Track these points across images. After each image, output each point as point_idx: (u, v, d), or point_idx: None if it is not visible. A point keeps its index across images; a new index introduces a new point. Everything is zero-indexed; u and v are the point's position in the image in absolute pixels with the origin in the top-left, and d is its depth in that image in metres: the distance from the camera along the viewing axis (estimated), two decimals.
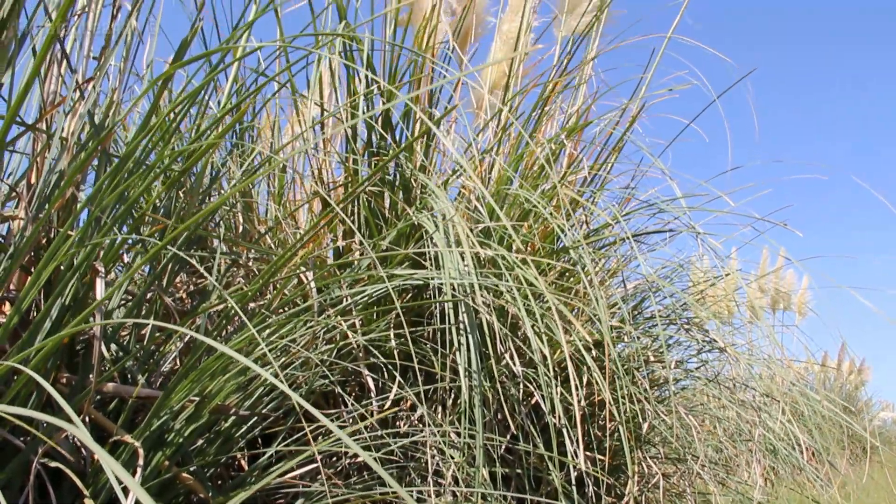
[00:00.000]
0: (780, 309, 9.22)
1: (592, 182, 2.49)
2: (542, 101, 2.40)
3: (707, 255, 2.96)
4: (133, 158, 1.35)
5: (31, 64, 1.89)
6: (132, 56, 1.94)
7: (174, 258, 1.85)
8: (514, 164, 2.28)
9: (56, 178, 1.67)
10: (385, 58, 2.18)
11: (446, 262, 1.63)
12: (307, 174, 2.36)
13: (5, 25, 1.40)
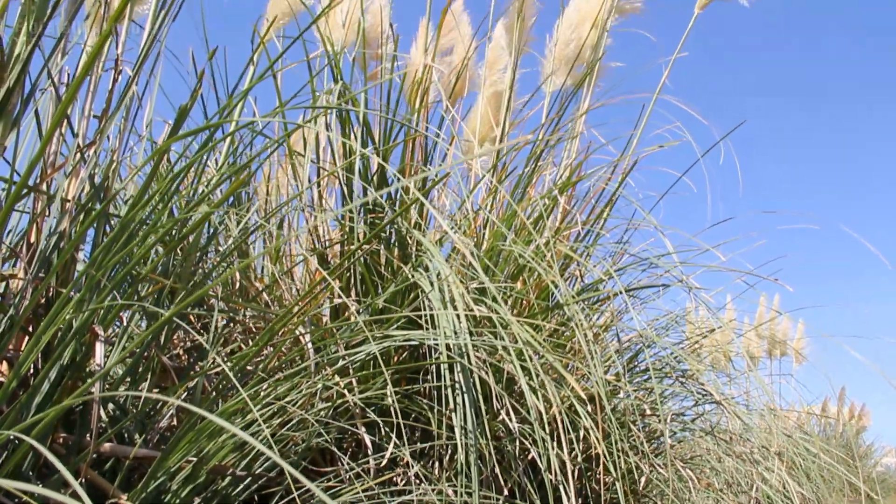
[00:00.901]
0: (778, 356, 9.20)
1: (586, 237, 2.52)
2: (533, 157, 2.44)
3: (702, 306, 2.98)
4: (133, 225, 1.37)
5: (32, 122, 1.93)
6: (132, 116, 1.98)
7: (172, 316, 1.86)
8: (508, 221, 2.31)
9: (56, 239, 1.69)
10: (380, 119, 2.22)
11: (442, 322, 1.64)
12: (303, 229, 2.39)
13: (11, 94, 1.43)
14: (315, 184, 2.23)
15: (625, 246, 2.48)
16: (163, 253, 1.62)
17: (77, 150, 1.67)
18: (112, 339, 1.78)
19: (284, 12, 2.22)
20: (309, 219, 2.27)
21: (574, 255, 2.28)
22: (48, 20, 1.48)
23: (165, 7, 1.93)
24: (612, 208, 2.49)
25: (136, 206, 1.33)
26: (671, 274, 2.34)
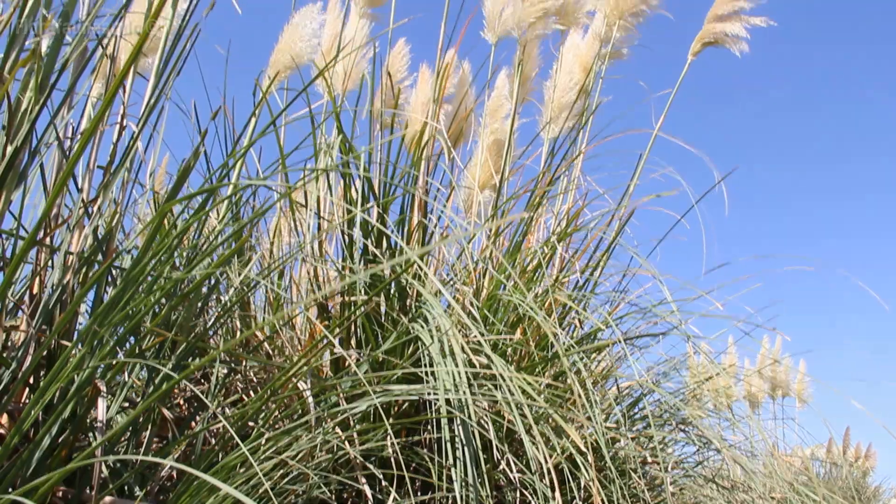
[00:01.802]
0: (780, 396, 9.16)
1: (585, 285, 2.54)
2: (532, 207, 2.46)
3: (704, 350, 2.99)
4: (135, 285, 1.39)
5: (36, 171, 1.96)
6: (135, 169, 2.00)
7: (173, 368, 1.87)
8: (506, 273, 2.32)
9: (59, 293, 1.71)
10: (380, 170, 2.25)
11: (441, 375, 1.66)
12: (303, 280, 2.41)
13: (19, 152, 1.46)
14: (316, 239, 2.25)
15: (623, 294, 2.50)
16: (164, 310, 1.63)
17: (81, 205, 1.69)
18: (113, 388, 1.79)
19: (286, 66, 2.26)
20: (310, 269, 2.29)
21: (572, 303, 2.30)
22: (56, 81, 1.51)
23: (170, 64, 1.97)
24: (609, 256, 2.51)
25: (139, 264, 1.35)
26: (669, 320, 2.35)
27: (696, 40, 3.25)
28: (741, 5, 3.14)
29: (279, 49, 2.27)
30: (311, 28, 2.24)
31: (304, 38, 2.22)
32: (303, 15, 2.28)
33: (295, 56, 2.23)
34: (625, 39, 3.37)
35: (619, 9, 3.26)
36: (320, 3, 2.31)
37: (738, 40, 3.15)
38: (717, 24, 3.19)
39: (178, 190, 1.50)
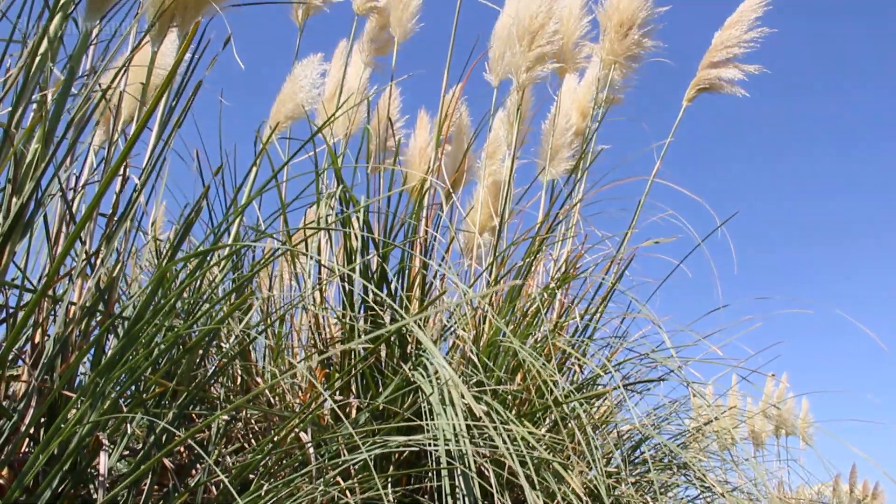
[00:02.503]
0: (784, 435, 9.10)
1: (584, 330, 2.55)
2: (531, 253, 2.48)
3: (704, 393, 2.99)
4: (138, 338, 1.41)
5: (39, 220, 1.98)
6: (138, 218, 2.03)
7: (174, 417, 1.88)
8: (506, 319, 2.34)
9: (61, 344, 1.72)
10: (380, 219, 2.28)
11: (442, 425, 1.66)
12: (304, 326, 2.42)
13: (25, 208, 1.48)
14: (317, 289, 2.27)
15: (622, 340, 2.51)
16: (166, 364, 1.65)
17: (84, 258, 1.71)
18: (114, 436, 1.79)
19: (287, 116, 2.29)
20: (310, 317, 2.31)
21: (571, 350, 2.31)
22: (63, 136, 1.54)
23: (174, 115, 2.00)
24: (608, 301, 2.53)
25: (140, 320, 1.37)
26: (668, 365, 2.36)
27: (691, 87, 3.30)
28: (735, 52, 3.19)
29: (280, 99, 2.31)
30: (311, 78, 2.27)
31: (305, 89, 2.26)
32: (304, 66, 2.31)
33: (296, 107, 2.26)
34: (622, 82, 3.41)
35: (614, 52, 3.30)
36: (321, 53, 2.34)
37: (732, 85, 3.19)
38: (711, 71, 3.23)
39: (178, 248, 1.52)
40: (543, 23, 2.96)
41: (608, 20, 3.30)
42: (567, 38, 3.25)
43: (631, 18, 3.25)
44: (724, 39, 3.27)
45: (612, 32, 3.29)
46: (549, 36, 2.91)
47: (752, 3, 3.28)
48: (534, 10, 2.95)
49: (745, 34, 3.22)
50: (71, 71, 1.79)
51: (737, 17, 3.28)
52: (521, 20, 2.94)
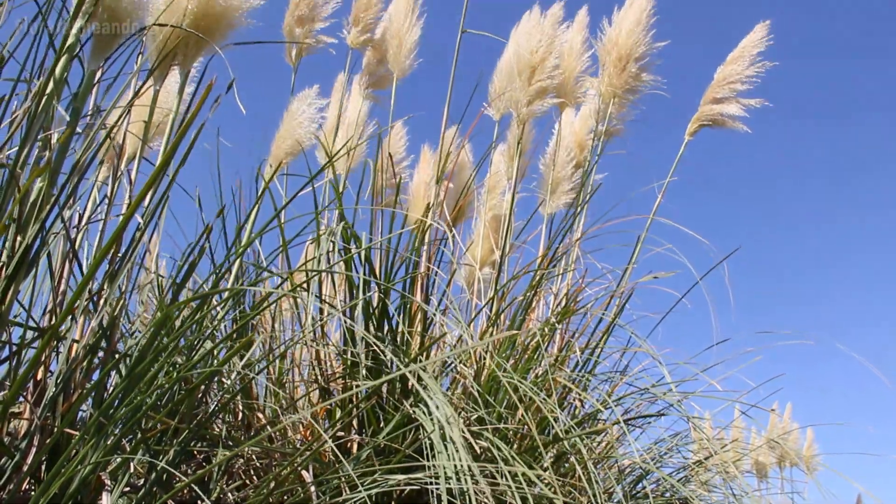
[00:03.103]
0: (788, 466, 9.05)
1: (585, 365, 2.56)
2: (532, 288, 2.49)
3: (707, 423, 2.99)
4: (140, 379, 1.42)
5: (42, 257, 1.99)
6: (141, 255, 2.04)
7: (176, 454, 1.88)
8: (507, 354, 2.35)
9: (63, 382, 1.73)
10: (381, 254, 2.30)
11: (443, 462, 1.67)
12: (305, 362, 2.43)
13: (29, 249, 1.50)
14: (319, 325, 2.28)
15: (622, 375, 2.52)
16: (169, 406, 1.65)
17: (88, 296, 1.72)
18: (116, 473, 1.80)
19: (288, 152, 2.31)
20: (312, 353, 2.32)
21: (572, 385, 2.31)
22: (66, 181, 1.56)
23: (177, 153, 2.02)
24: (609, 336, 2.54)
25: (142, 361, 1.38)
26: (668, 399, 2.36)
27: (693, 121, 3.32)
28: (737, 87, 3.22)
29: (280, 136, 2.33)
30: (309, 114, 2.29)
31: (304, 125, 2.28)
32: (301, 101, 2.34)
33: (295, 143, 2.28)
34: (621, 115, 3.44)
35: (613, 85, 3.33)
36: (317, 86, 2.37)
37: (734, 121, 3.22)
38: (713, 106, 3.26)
39: (181, 288, 1.54)
40: (544, 57, 2.99)
41: (607, 54, 3.33)
42: (568, 72, 3.28)
43: (629, 53, 3.28)
44: (725, 75, 3.30)
45: (611, 66, 3.32)
46: (549, 70, 2.95)
47: (754, 38, 3.32)
48: (534, 44, 2.98)
49: (747, 69, 3.25)
50: (75, 111, 1.82)
51: (738, 53, 3.31)
52: (521, 55, 2.97)
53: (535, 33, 2.96)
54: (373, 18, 3.30)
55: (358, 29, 3.32)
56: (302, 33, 3.14)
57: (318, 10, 3.14)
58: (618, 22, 3.31)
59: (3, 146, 1.74)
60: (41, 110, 1.72)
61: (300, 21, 3.14)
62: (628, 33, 3.27)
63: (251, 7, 2.09)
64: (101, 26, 1.88)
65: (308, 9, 3.13)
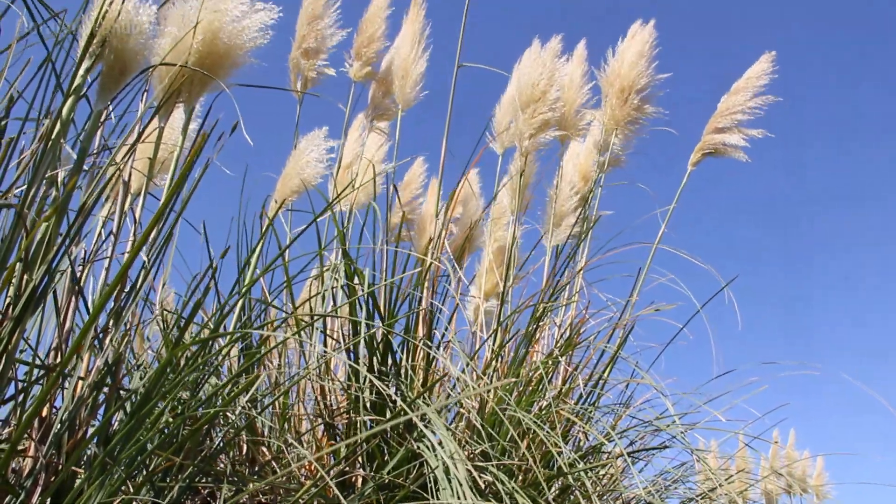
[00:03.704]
0: (798, 493, 8.97)
1: (589, 397, 2.56)
2: (535, 320, 2.50)
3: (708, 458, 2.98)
4: (145, 420, 1.43)
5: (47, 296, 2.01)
6: (146, 291, 2.06)
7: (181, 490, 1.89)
8: (510, 386, 2.35)
9: (69, 420, 1.74)
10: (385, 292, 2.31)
11: (447, 498, 1.67)
12: (309, 396, 2.43)
13: (36, 291, 1.52)
14: (323, 361, 2.29)
15: (627, 404, 2.52)
16: (174, 446, 1.66)
17: (94, 336, 1.73)
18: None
19: (293, 191, 2.33)
20: (316, 388, 2.33)
21: (575, 418, 2.32)
22: (73, 223, 1.58)
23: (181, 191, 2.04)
24: (612, 368, 2.54)
25: (148, 402, 1.39)
26: (671, 430, 2.36)
27: (696, 150, 3.35)
28: (739, 118, 3.24)
29: (286, 174, 2.35)
30: (316, 154, 2.31)
31: (311, 165, 2.30)
32: (309, 140, 2.36)
33: (302, 182, 2.31)
34: (624, 146, 3.46)
35: (615, 117, 3.36)
36: (326, 127, 2.39)
37: (737, 150, 3.24)
38: (716, 136, 3.28)
39: (185, 332, 1.55)
40: (545, 90, 3.02)
41: (610, 86, 3.36)
42: (569, 105, 3.31)
43: (632, 85, 3.32)
44: (729, 105, 3.32)
45: (614, 98, 3.35)
46: (550, 103, 2.97)
47: (758, 70, 3.35)
48: (535, 77, 3.01)
49: (751, 101, 3.28)
50: (82, 150, 1.84)
51: (743, 84, 3.34)
52: (522, 88, 3.00)
53: (536, 66, 2.99)
54: (374, 53, 3.35)
55: (360, 62, 3.37)
56: (307, 66, 3.19)
57: (325, 42, 3.19)
58: (620, 54, 3.35)
59: (12, 187, 1.76)
60: (48, 150, 1.75)
61: (306, 54, 3.18)
62: (631, 65, 3.30)
63: (255, 45, 2.12)
64: (107, 66, 1.91)
65: (315, 42, 3.17)
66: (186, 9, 2.01)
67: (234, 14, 2.04)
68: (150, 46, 1.97)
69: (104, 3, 1.83)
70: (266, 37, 2.11)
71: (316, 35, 3.17)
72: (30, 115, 1.93)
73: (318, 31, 3.15)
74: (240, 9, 2.04)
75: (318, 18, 3.15)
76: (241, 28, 2.05)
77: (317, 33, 3.17)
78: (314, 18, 3.15)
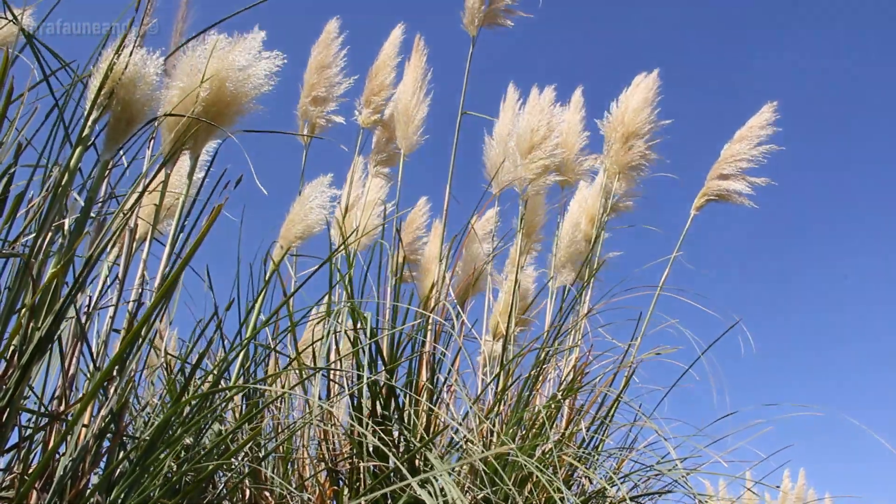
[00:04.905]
0: None
1: (592, 441, 2.56)
2: (538, 365, 2.51)
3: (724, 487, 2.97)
4: (148, 471, 1.44)
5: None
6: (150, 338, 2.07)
7: None
8: (513, 432, 2.35)
9: (72, 469, 1.75)
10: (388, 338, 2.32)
11: None
12: (313, 437, 2.44)
13: (42, 342, 1.53)
14: (328, 406, 2.30)
15: (629, 450, 2.52)
16: (176, 500, 1.67)
17: (98, 384, 1.75)
18: None
19: (298, 236, 2.36)
20: (319, 433, 2.33)
21: (577, 463, 2.31)
22: (80, 274, 1.60)
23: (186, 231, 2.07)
24: (615, 411, 2.55)
25: (152, 453, 1.40)
26: (673, 475, 2.36)
27: (700, 196, 3.38)
28: (743, 165, 3.27)
29: (290, 220, 2.37)
30: (321, 200, 2.34)
31: (315, 211, 2.33)
32: (313, 187, 2.39)
33: (307, 228, 2.33)
34: (628, 191, 3.50)
35: (619, 162, 3.39)
36: (331, 174, 2.42)
37: (740, 196, 3.27)
38: (720, 182, 3.31)
39: (189, 382, 1.57)
40: (546, 135, 3.06)
41: (613, 132, 3.40)
42: (568, 150, 3.35)
43: (635, 131, 3.36)
44: (732, 153, 3.36)
45: (617, 144, 3.39)
46: (550, 149, 3.01)
47: (762, 119, 3.39)
48: (534, 123, 3.05)
49: (754, 149, 3.31)
50: (89, 199, 1.87)
51: (746, 132, 3.38)
52: (521, 134, 3.04)
53: (535, 113, 3.03)
54: (383, 100, 3.39)
55: (369, 110, 3.42)
56: (316, 113, 3.24)
57: (333, 90, 3.25)
58: (623, 101, 3.40)
59: (20, 236, 1.79)
60: (56, 199, 1.77)
61: (315, 102, 3.24)
62: (635, 112, 3.35)
63: (261, 93, 2.15)
64: (114, 117, 1.94)
65: (325, 90, 3.23)
66: (195, 58, 2.04)
67: (241, 62, 2.08)
68: (156, 97, 2.00)
69: (112, 57, 1.86)
70: (271, 84, 2.14)
71: (325, 83, 3.24)
72: (39, 161, 1.97)
73: (326, 80, 3.22)
74: (246, 57, 2.08)
75: (327, 67, 3.22)
76: (248, 76, 2.08)
77: (325, 81, 3.24)
78: (323, 67, 3.22)
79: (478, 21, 3.34)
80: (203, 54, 2.03)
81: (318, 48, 3.28)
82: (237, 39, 2.08)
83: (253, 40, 2.09)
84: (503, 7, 3.39)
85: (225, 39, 2.07)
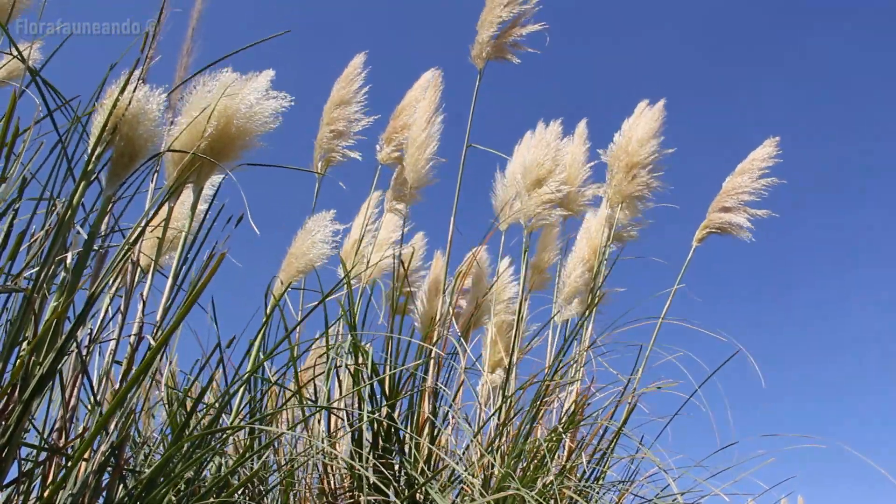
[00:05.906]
0: None
1: (592, 473, 2.56)
2: (538, 398, 2.51)
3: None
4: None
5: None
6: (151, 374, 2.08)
7: None
8: (513, 464, 2.35)
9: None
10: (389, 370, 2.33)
11: None
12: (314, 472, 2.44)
13: (44, 379, 1.54)
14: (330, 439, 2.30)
15: (630, 483, 2.51)
16: None
17: (98, 415, 1.75)
18: None
19: (299, 270, 2.36)
20: (321, 467, 2.33)
21: (578, 497, 2.31)
22: (84, 311, 1.61)
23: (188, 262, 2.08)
24: (616, 443, 2.54)
25: (153, 490, 1.41)
26: None
27: (701, 228, 3.39)
28: (744, 198, 3.29)
29: (292, 254, 2.38)
30: (323, 234, 2.35)
31: (318, 246, 2.33)
32: (316, 221, 2.40)
33: (309, 262, 2.34)
34: (632, 221, 3.51)
35: (622, 192, 3.41)
36: (334, 210, 2.43)
37: (742, 229, 3.28)
38: (721, 215, 3.33)
39: (183, 432, 1.57)
40: (551, 168, 3.09)
41: (616, 161, 3.42)
42: (571, 183, 3.37)
43: (639, 161, 3.37)
44: (734, 185, 3.38)
45: (621, 174, 3.40)
46: (556, 184, 3.04)
47: (763, 153, 3.41)
48: (540, 158, 3.08)
49: (755, 182, 3.33)
50: (91, 234, 1.89)
51: (748, 165, 3.40)
52: (527, 169, 3.06)
53: (540, 147, 3.05)
54: (405, 138, 3.42)
55: (391, 147, 3.45)
56: (332, 148, 3.29)
57: (351, 126, 3.30)
58: (626, 132, 3.42)
59: (22, 272, 1.80)
60: (59, 234, 1.79)
61: (334, 136, 3.29)
62: (639, 142, 3.37)
63: (266, 130, 2.16)
64: (117, 152, 1.96)
65: (344, 125, 3.28)
66: (205, 94, 2.06)
67: (249, 101, 2.10)
68: (159, 133, 2.02)
69: (117, 94, 1.89)
70: (277, 122, 2.16)
71: (344, 119, 3.29)
72: (42, 195, 1.99)
73: (346, 116, 3.27)
74: (254, 96, 2.10)
75: (346, 104, 3.27)
76: (254, 113, 2.10)
77: (345, 118, 3.29)
78: (342, 104, 3.28)
79: (485, 54, 3.38)
80: (209, 90, 2.05)
81: (341, 83, 3.33)
82: (246, 77, 2.11)
83: (262, 79, 2.11)
84: (510, 42, 3.41)
85: (234, 75, 2.10)
